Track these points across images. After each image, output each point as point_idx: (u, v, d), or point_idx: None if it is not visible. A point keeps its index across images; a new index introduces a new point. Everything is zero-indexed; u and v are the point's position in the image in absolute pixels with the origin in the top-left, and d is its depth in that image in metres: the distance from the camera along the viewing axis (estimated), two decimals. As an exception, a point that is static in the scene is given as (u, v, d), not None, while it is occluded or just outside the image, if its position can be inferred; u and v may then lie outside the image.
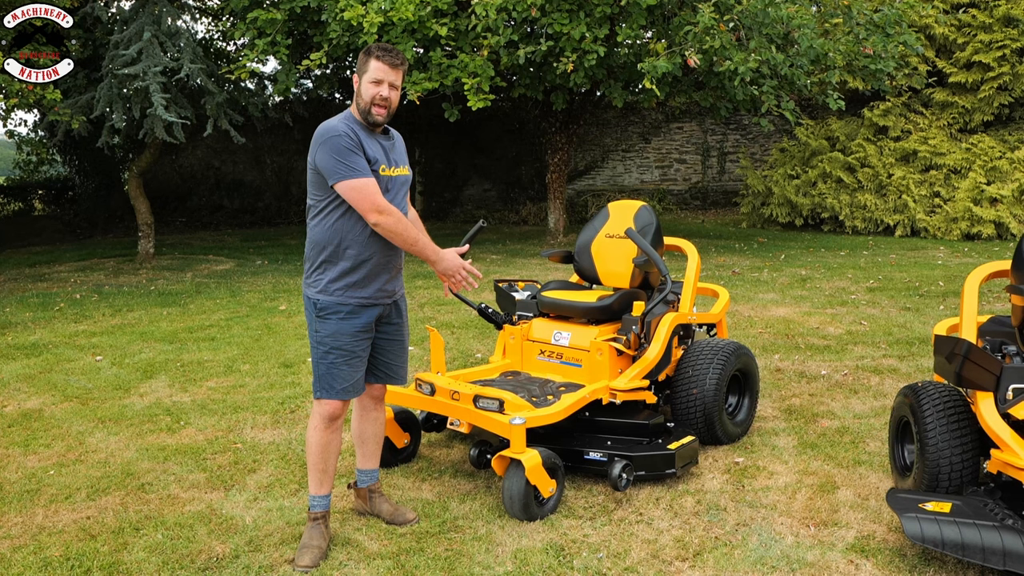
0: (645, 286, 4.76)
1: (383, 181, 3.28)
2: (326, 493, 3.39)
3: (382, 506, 3.64)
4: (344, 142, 3.18)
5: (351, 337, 3.30)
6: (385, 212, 3.18)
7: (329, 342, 3.29)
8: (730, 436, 4.43)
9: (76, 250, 14.46)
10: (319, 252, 3.31)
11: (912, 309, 7.70)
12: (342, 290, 3.28)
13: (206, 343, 7.03)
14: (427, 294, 9.04)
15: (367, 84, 3.25)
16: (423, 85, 10.23)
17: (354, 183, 3.16)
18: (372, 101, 3.25)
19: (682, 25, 10.05)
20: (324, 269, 3.31)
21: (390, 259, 3.36)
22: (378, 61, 3.25)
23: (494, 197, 19.18)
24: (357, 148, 3.19)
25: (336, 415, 3.34)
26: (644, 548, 3.34)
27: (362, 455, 3.68)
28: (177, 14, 11.49)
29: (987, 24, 13.11)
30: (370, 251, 3.29)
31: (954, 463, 3.41)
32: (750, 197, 15.86)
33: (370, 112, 3.26)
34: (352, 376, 3.32)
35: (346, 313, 3.29)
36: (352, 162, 3.17)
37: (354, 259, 3.27)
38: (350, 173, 3.16)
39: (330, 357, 3.28)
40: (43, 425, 5.01)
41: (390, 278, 3.39)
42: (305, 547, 3.29)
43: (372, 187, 3.18)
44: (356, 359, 3.33)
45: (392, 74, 3.26)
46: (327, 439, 3.35)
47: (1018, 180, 12.49)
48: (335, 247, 3.28)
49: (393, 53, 3.27)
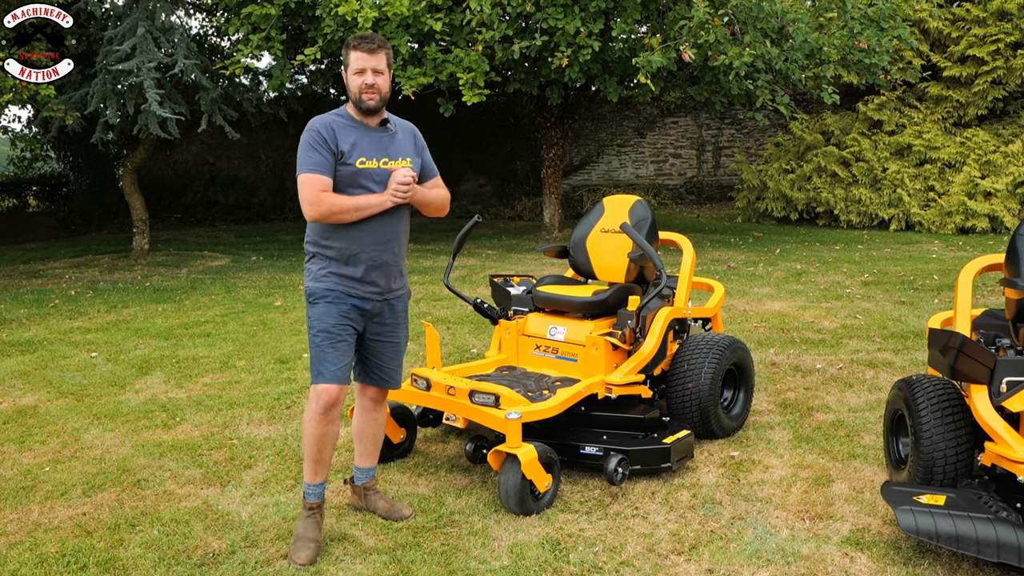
0: (640, 281, 4.76)
1: (359, 174, 3.28)
2: (321, 482, 3.37)
3: (378, 502, 3.64)
4: (308, 136, 3.25)
5: (335, 320, 3.30)
6: (315, 203, 3.20)
7: (316, 325, 3.32)
8: (725, 430, 4.44)
9: (71, 246, 14.43)
10: (312, 244, 3.38)
11: (906, 303, 7.72)
12: (329, 276, 3.33)
13: (201, 339, 7.02)
14: (423, 289, 9.04)
15: (352, 76, 3.30)
16: (418, 80, 10.22)
17: (301, 178, 3.23)
18: (360, 90, 3.28)
19: (677, 20, 10.04)
20: (316, 260, 3.37)
21: (381, 253, 3.35)
22: (356, 51, 3.29)
23: (489, 192, 19.16)
24: (321, 143, 3.23)
25: (331, 403, 3.28)
26: (640, 542, 3.35)
27: (360, 452, 3.67)
28: (171, 9, 11.46)
29: (981, 18, 13.13)
30: (357, 245, 3.30)
31: (948, 456, 3.42)
32: (745, 192, 15.88)
33: (361, 99, 3.30)
34: (339, 359, 3.30)
35: (333, 297, 3.31)
36: (308, 156, 3.23)
37: (341, 251, 3.30)
38: (302, 167, 3.23)
39: (318, 339, 3.30)
40: (38, 422, 5.00)
41: (381, 274, 3.37)
42: (300, 540, 3.27)
43: (313, 182, 3.20)
44: (342, 342, 3.31)
45: (373, 60, 3.28)
46: (323, 430, 3.31)
47: (1012, 174, 12.52)
48: (324, 239, 3.32)
49: (369, 39, 3.30)
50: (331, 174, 3.25)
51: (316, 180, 3.22)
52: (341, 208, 3.23)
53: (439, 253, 12.17)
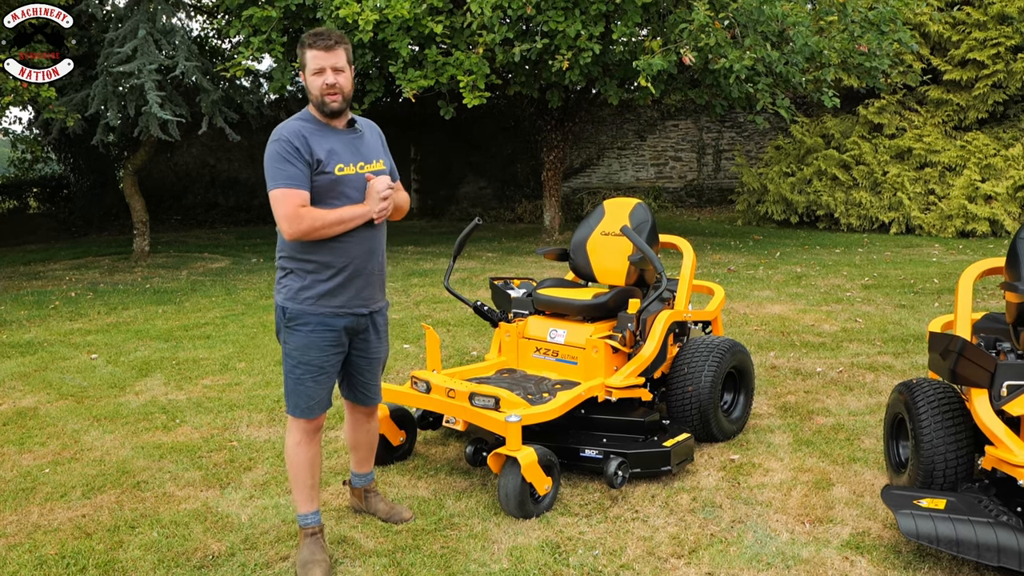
0: (640, 284, 4.76)
1: (338, 183, 3.07)
2: (317, 508, 3.26)
3: (378, 505, 3.61)
4: (278, 147, 3.01)
5: (320, 352, 3.11)
6: (294, 220, 2.96)
7: (297, 356, 3.11)
8: (725, 433, 4.44)
9: (71, 248, 14.43)
10: (288, 259, 3.12)
11: (907, 306, 7.72)
12: (313, 299, 3.08)
13: (201, 341, 7.02)
14: (423, 292, 9.03)
15: (310, 77, 3.07)
16: (419, 83, 10.23)
17: (275, 193, 2.99)
18: (321, 92, 3.06)
19: (677, 23, 10.05)
20: (293, 276, 3.12)
21: (364, 264, 3.15)
22: (312, 50, 3.05)
23: (489, 195, 19.16)
24: (293, 153, 2.99)
25: (314, 429, 3.19)
26: (640, 545, 3.35)
27: (356, 461, 3.60)
28: (172, 12, 11.47)
29: (981, 22, 13.14)
30: (343, 258, 3.09)
31: (948, 460, 3.41)
32: (745, 195, 15.87)
33: (324, 102, 3.07)
34: (318, 393, 3.15)
35: (316, 325, 3.09)
36: (282, 169, 2.99)
37: (325, 266, 3.07)
38: (274, 182, 2.99)
39: (297, 371, 3.11)
40: (38, 423, 5.00)
41: (366, 284, 3.17)
42: (309, 564, 3.12)
43: (290, 197, 2.97)
44: (324, 375, 3.14)
45: (331, 58, 3.05)
46: (311, 453, 3.20)
47: (1012, 177, 12.52)
48: (303, 254, 3.08)
49: (325, 36, 3.05)
50: (307, 186, 3.00)
51: (293, 195, 2.97)
52: (323, 223, 2.99)
53: (439, 256, 12.17)
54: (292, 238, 3.01)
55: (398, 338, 6.82)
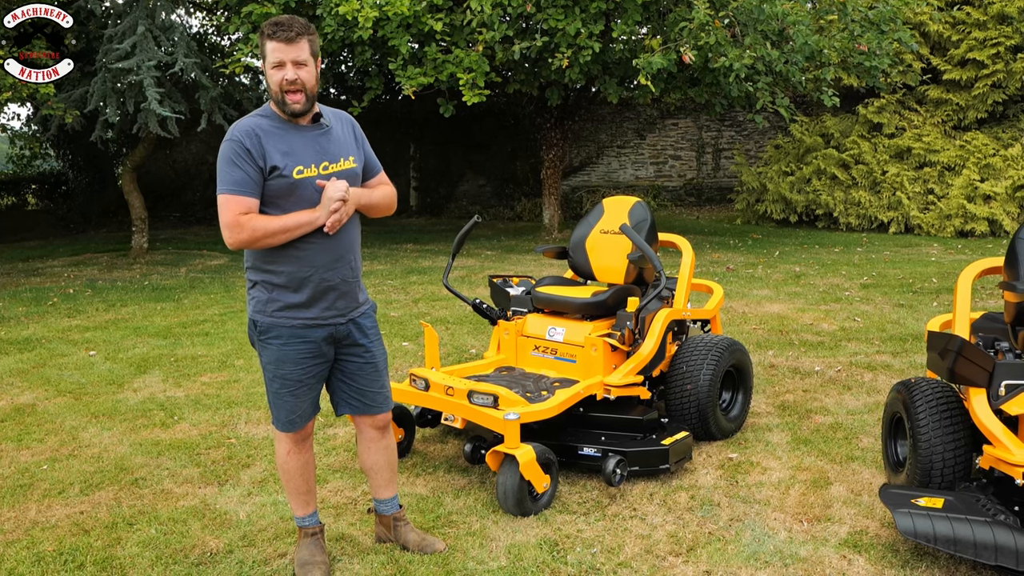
0: (639, 282, 4.76)
1: (296, 186, 2.81)
2: (314, 510, 3.18)
3: (408, 536, 3.30)
4: (228, 148, 2.79)
5: (295, 365, 2.92)
6: (234, 229, 2.74)
7: (272, 369, 2.94)
8: (724, 432, 4.44)
9: (69, 245, 14.42)
10: (254, 270, 2.93)
11: (905, 306, 7.72)
12: (282, 310, 2.89)
13: (200, 338, 7.02)
14: (421, 289, 9.03)
15: (269, 71, 2.79)
16: (418, 80, 10.23)
17: (219, 198, 2.78)
18: (281, 88, 2.78)
19: (677, 21, 10.05)
20: (259, 288, 2.92)
21: (334, 273, 2.91)
22: (272, 40, 2.76)
23: (489, 193, 19.16)
24: (243, 155, 2.76)
25: (303, 437, 3.08)
26: (638, 543, 3.35)
27: (376, 486, 3.31)
28: (171, 8, 11.46)
29: (981, 21, 13.14)
30: (307, 267, 2.86)
31: (947, 459, 3.42)
32: (745, 194, 15.88)
33: (284, 102, 2.80)
34: (299, 407, 2.98)
35: (288, 337, 2.89)
36: (229, 173, 2.77)
37: (289, 277, 2.86)
38: (220, 186, 2.78)
39: (275, 385, 2.96)
40: (36, 420, 5.00)
41: (340, 295, 2.94)
42: (308, 564, 3.06)
43: (231, 204, 2.75)
44: (303, 387, 2.96)
45: (292, 51, 2.76)
46: (302, 461, 3.09)
47: (1011, 177, 12.53)
48: (267, 264, 2.88)
49: (287, 25, 2.76)
50: (255, 193, 2.77)
51: (235, 202, 2.74)
52: (266, 232, 2.75)
53: (438, 253, 12.17)
54: (234, 247, 2.81)
55: (397, 336, 6.82)
